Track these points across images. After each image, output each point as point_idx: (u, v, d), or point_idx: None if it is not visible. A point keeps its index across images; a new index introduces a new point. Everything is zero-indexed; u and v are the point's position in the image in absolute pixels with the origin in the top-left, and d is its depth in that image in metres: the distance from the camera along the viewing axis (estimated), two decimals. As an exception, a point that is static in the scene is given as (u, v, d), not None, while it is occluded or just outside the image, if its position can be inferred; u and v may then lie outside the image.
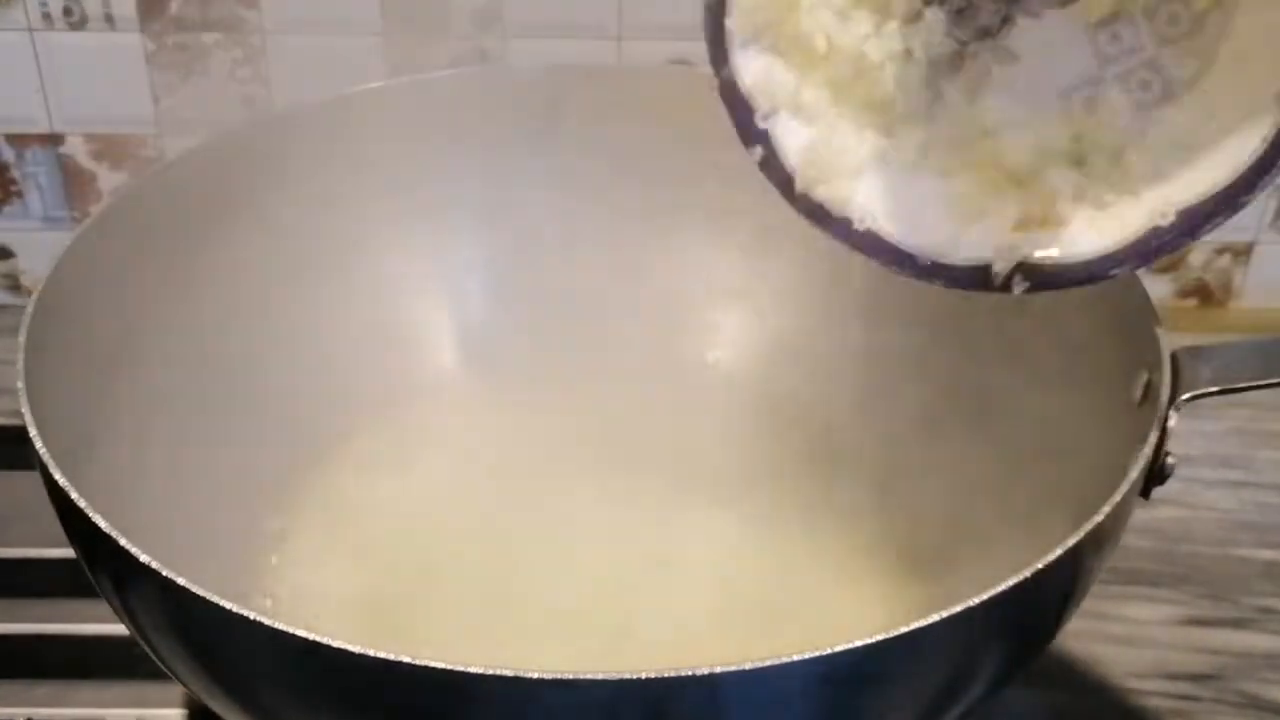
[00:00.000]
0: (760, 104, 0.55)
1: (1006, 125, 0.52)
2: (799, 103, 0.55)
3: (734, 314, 0.77)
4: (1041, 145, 0.51)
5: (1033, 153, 0.51)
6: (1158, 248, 0.48)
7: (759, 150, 0.55)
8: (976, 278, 0.52)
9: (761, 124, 0.55)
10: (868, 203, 0.54)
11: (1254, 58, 0.46)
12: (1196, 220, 0.47)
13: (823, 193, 0.54)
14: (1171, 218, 0.47)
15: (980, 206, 0.52)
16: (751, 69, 0.55)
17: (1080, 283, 0.50)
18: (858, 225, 0.54)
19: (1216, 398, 0.55)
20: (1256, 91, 0.45)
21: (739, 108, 0.55)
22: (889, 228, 0.54)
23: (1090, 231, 0.50)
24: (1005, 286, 0.51)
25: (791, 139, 0.55)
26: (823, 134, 0.55)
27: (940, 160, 0.53)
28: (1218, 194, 0.47)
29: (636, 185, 0.75)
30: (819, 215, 0.55)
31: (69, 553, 0.52)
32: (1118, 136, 0.50)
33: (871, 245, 0.54)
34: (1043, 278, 0.51)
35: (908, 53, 0.53)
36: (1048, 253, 0.50)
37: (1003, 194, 0.52)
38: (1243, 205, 0.47)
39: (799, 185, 0.54)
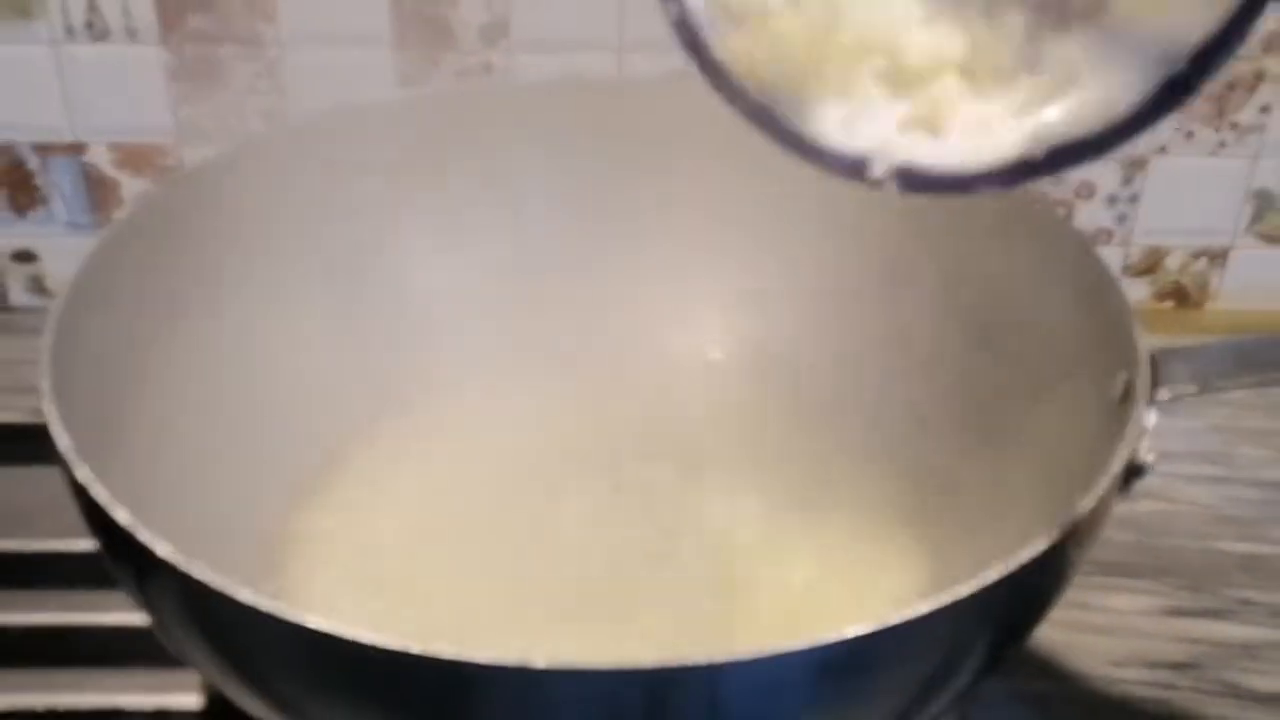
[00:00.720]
0: None
1: (907, 19, 0.50)
2: None
3: (734, 314, 0.78)
4: (938, 49, 0.50)
5: (929, 55, 0.50)
6: (1023, 177, 0.48)
7: (673, 8, 0.52)
8: (853, 168, 0.51)
9: None
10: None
11: (1149, 7, 0.46)
12: (1063, 160, 0.47)
13: (731, 44, 0.51)
14: (1042, 154, 0.47)
15: (870, 96, 0.51)
16: None
17: (948, 192, 0.50)
18: (755, 94, 0.51)
19: (1194, 396, 0.56)
20: (1145, 42, 0.45)
21: None
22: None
23: (968, 146, 0.49)
24: (879, 183, 0.50)
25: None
26: None
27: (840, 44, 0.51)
28: (1088, 140, 0.46)
29: (638, 193, 0.76)
30: (718, 76, 0.52)
31: (90, 546, 0.53)
32: (1010, 58, 0.49)
33: (760, 115, 0.52)
34: (914, 182, 0.50)
35: None
36: (924, 158, 0.50)
37: (894, 89, 0.50)
38: (1108, 154, 0.47)
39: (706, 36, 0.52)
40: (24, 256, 0.94)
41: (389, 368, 0.75)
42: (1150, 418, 0.54)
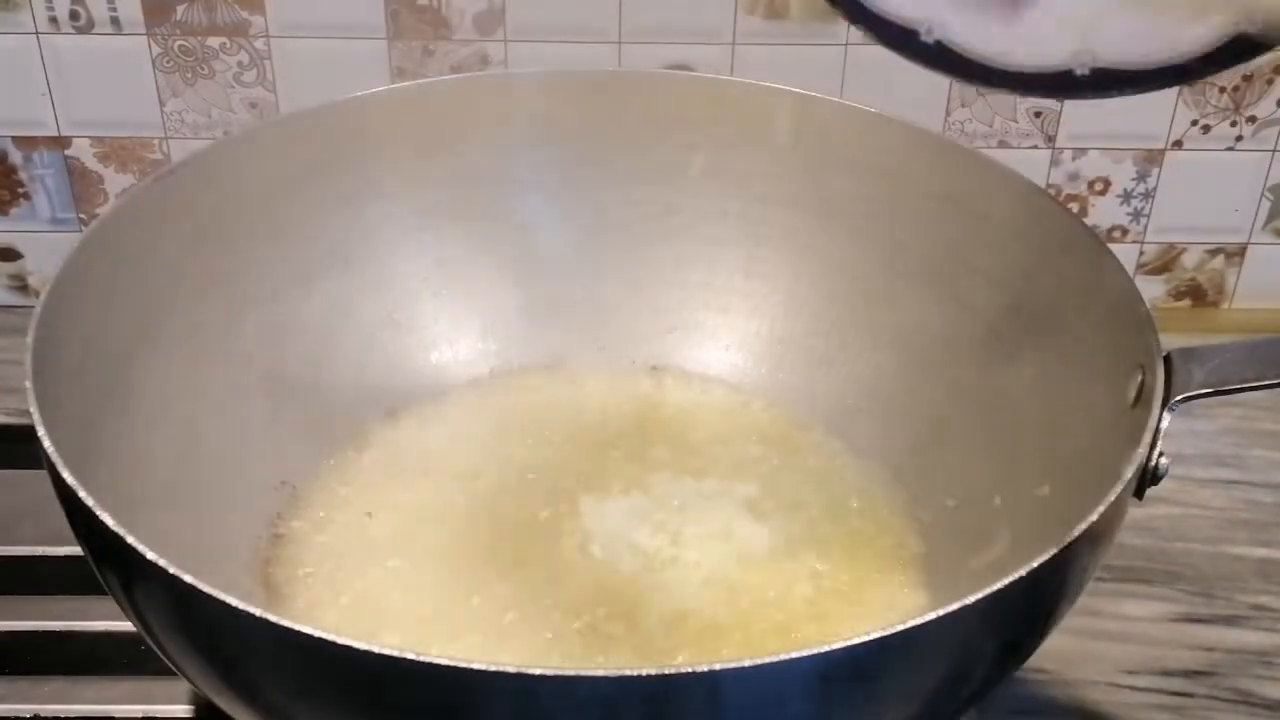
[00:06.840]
0: None
1: None
2: None
3: (734, 314, 0.77)
4: None
5: None
6: (1063, 87, 0.49)
7: None
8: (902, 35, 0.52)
9: None
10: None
11: None
12: (1105, 83, 0.48)
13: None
14: (1087, 71, 0.48)
15: None
16: None
17: (980, 81, 0.52)
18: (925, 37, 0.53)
19: (1210, 397, 0.55)
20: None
21: None
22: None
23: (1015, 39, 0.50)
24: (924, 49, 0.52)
25: None
26: None
27: None
28: (1136, 71, 0.47)
29: (636, 187, 0.76)
30: (879, 27, 0.53)
31: (76, 550, 0.52)
32: None
33: None
34: (952, 60, 0.52)
35: None
36: (969, 39, 0.51)
37: None
38: (1145, 91, 0.47)
39: None
40: (6, 254, 0.94)
41: (381, 366, 0.74)
42: (1165, 420, 0.53)
